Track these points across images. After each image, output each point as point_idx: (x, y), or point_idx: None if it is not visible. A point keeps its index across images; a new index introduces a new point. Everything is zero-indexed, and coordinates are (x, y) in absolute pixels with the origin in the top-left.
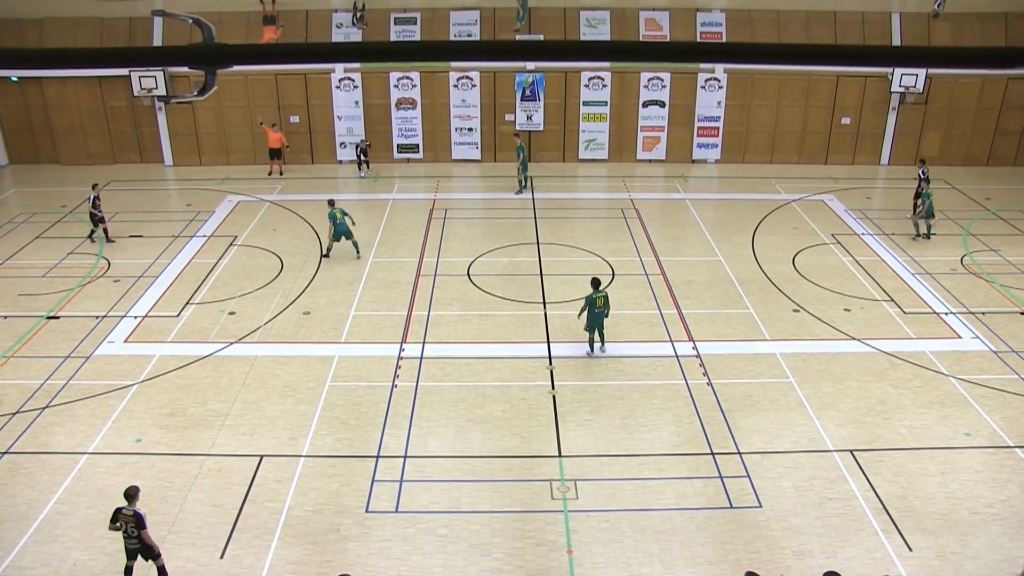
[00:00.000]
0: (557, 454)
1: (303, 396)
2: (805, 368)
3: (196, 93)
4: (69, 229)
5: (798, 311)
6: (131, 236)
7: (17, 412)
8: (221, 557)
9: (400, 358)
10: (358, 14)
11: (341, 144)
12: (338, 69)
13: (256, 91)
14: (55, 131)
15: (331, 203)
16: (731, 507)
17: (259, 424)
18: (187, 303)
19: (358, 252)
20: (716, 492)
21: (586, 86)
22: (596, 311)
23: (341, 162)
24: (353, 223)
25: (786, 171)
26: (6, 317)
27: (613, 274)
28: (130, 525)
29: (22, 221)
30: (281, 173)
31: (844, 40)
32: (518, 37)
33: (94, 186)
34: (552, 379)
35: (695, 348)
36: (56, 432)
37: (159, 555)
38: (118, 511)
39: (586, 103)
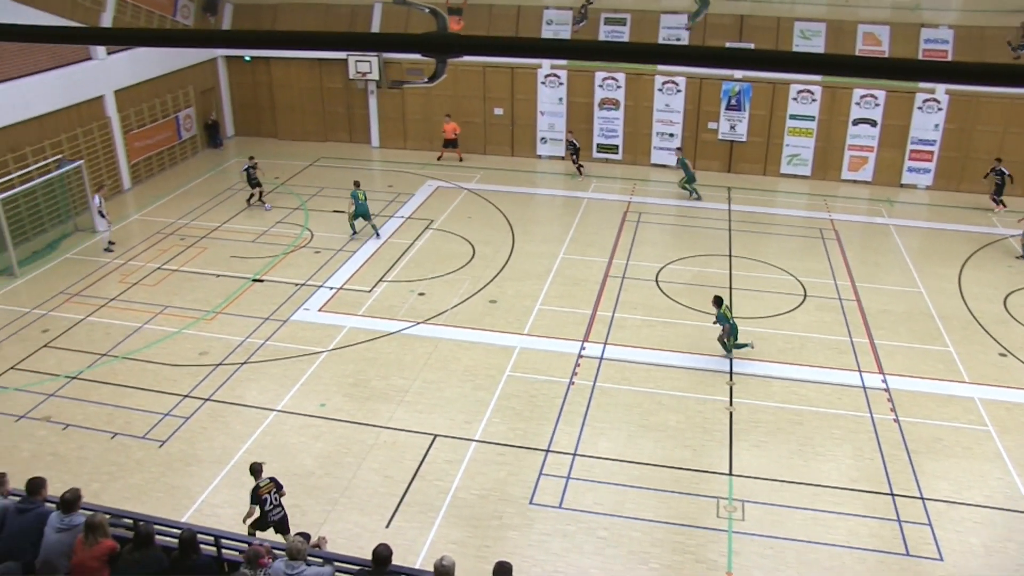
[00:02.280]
0: (728, 472)
1: (481, 382)
2: (1008, 418)
3: (426, 80)
4: (280, 199)
5: (1005, 356)
6: (334, 211)
7: (219, 364)
8: (387, 526)
9: (580, 356)
10: (583, 9)
11: (542, 139)
12: (545, 65)
13: (463, 82)
14: (276, 108)
15: (356, 184)
16: (907, 554)
17: (436, 404)
18: (380, 280)
19: (377, 233)
20: (892, 536)
21: (794, 99)
22: (733, 322)
23: (540, 157)
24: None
25: (1007, 204)
26: (218, 276)
27: (805, 295)
28: (273, 492)
29: (240, 189)
30: (460, 159)
31: None
32: (728, 44)
33: (250, 158)
34: (731, 395)
35: (884, 381)
36: (251, 387)
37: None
38: (256, 488)
39: (793, 117)
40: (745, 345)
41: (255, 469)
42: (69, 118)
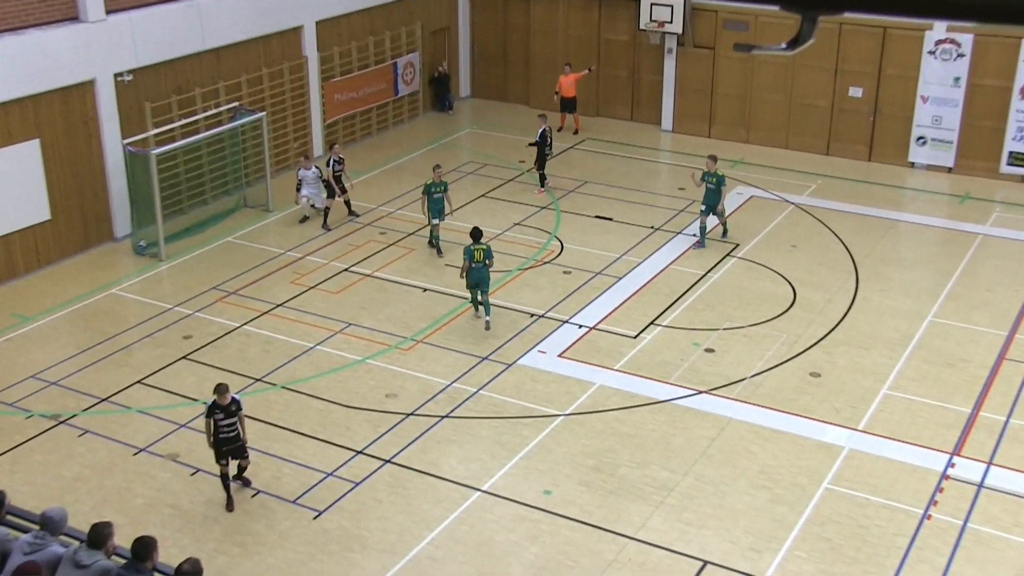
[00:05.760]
0: None
1: (783, 492)
2: None
3: (784, 46)
4: (526, 194)
5: None
6: (596, 216)
7: (411, 414)
8: None
9: (945, 475)
10: None
11: (919, 139)
12: (938, 27)
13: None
14: (532, 63)
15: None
16: None
17: (713, 515)
18: (651, 323)
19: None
20: None
21: None
22: (475, 265)
23: (913, 165)
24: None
25: None
26: (425, 290)
27: None
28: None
29: (470, 172)
30: (576, 132)
31: None
32: None
33: (332, 147)
34: None
35: None
36: (450, 452)
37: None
38: (214, 402)
39: None
40: (472, 297)
41: (219, 390)
42: (254, 53)
